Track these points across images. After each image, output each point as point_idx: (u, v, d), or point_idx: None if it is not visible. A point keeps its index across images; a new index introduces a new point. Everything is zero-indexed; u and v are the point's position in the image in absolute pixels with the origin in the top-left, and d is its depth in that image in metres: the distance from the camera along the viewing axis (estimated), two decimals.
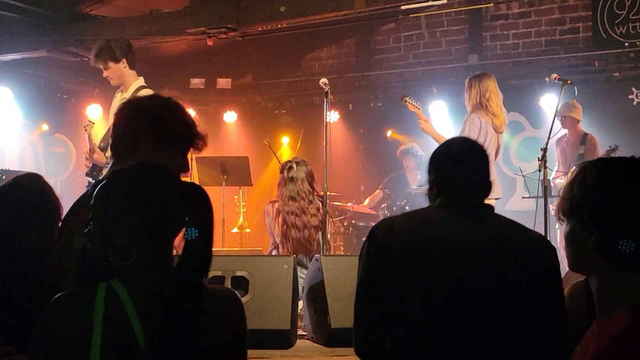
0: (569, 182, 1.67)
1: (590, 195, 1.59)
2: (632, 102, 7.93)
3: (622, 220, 1.54)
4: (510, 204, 8.18)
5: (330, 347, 4.16)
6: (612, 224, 1.55)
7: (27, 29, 7.82)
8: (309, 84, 9.63)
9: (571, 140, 7.04)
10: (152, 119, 2.22)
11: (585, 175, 1.62)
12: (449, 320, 2.03)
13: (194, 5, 7.17)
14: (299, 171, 5.61)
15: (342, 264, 4.42)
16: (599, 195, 1.58)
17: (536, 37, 8.67)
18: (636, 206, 1.55)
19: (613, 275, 1.57)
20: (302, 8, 6.84)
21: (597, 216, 1.57)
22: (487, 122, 5.37)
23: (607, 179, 1.59)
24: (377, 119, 9.55)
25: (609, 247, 1.55)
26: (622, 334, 1.48)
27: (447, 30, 9.25)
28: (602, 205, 1.57)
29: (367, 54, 9.79)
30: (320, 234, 5.50)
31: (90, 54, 5.49)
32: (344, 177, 8.34)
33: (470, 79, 5.55)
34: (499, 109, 5.45)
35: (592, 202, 1.58)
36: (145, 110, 2.24)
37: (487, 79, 5.47)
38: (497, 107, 5.43)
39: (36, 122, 9.22)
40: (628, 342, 1.46)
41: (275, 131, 9.79)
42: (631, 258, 1.53)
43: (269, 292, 4.20)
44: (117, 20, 7.76)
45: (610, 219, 1.56)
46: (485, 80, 5.46)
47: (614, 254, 1.55)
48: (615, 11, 8.04)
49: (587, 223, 1.59)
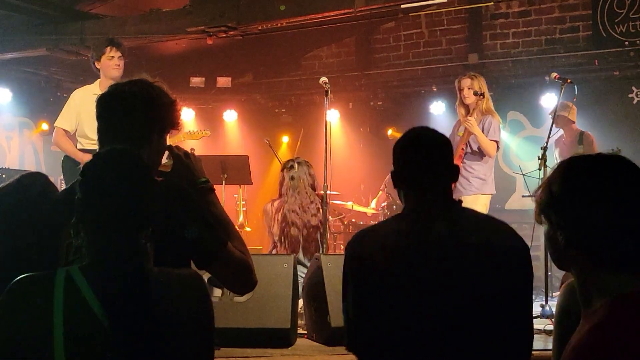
0: (545, 180, 1.69)
1: (554, 197, 1.61)
2: (632, 101, 7.93)
3: (587, 220, 1.55)
4: (510, 203, 8.19)
5: (330, 345, 4.16)
6: (576, 224, 1.57)
7: (27, 27, 7.83)
8: (309, 82, 9.63)
9: (568, 139, 7.05)
10: (158, 105, 2.18)
11: (553, 176, 1.65)
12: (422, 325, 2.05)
13: (194, 4, 7.17)
14: (300, 171, 5.62)
15: (342, 262, 4.42)
16: (562, 197, 1.60)
17: (536, 36, 8.67)
18: (600, 205, 1.55)
19: (589, 272, 1.58)
20: (302, 7, 6.84)
21: (563, 217, 1.59)
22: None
23: (569, 180, 1.61)
24: (377, 118, 9.56)
25: (577, 246, 1.57)
26: (599, 325, 1.49)
27: (447, 29, 9.25)
28: (566, 206, 1.59)
29: (367, 53, 9.80)
30: (319, 235, 5.51)
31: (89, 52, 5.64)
32: (344, 176, 8.33)
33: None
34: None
35: (557, 204, 1.60)
36: (148, 97, 2.17)
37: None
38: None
39: (36, 121, 9.23)
40: (605, 333, 1.47)
41: (275, 130, 9.80)
42: (601, 256, 1.55)
43: (269, 291, 4.19)
44: (117, 19, 7.76)
45: (575, 220, 1.57)
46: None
47: (583, 253, 1.56)
48: (615, 10, 8.04)
49: (555, 224, 1.61)
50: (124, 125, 2.13)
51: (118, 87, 2.21)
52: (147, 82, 2.22)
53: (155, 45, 8.07)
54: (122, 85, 2.20)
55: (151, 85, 2.20)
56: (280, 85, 10.32)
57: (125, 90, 2.17)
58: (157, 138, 2.18)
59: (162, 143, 2.22)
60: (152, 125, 2.16)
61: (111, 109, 2.17)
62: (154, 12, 7.51)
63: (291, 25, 7.59)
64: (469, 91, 5.66)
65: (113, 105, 2.17)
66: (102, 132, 2.18)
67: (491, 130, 5.59)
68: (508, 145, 8.56)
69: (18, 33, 7.81)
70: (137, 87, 2.17)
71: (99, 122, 2.19)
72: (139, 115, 2.14)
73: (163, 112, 2.19)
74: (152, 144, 2.15)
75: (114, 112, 2.16)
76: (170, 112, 2.21)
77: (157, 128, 2.18)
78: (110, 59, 5.34)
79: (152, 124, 2.16)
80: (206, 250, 2.08)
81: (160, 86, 2.22)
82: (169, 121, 2.21)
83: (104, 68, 5.40)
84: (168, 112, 2.20)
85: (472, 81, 5.67)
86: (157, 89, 2.20)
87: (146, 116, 2.15)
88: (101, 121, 2.18)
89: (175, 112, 2.22)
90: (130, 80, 2.23)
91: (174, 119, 2.23)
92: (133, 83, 2.21)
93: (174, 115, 2.22)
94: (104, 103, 2.19)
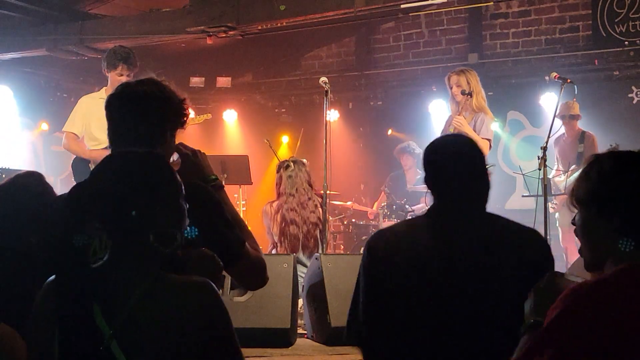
0: (582, 172, 1.74)
1: (608, 182, 1.67)
2: (632, 101, 7.93)
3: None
4: (510, 203, 8.18)
5: (330, 345, 4.17)
6: (632, 207, 1.64)
7: (27, 27, 7.83)
8: (309, 82, 9.63)
9: (569, 139, 7.04)
10: (170, 104, 2.18)
11: (602, 164, 1.70)
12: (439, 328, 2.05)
13: (194, 4, 7.17)
14: (296, 169, 5.63)
15: (342, 262, 4.43)
16: (617, 181, 1.66)
17: (536, 35, 8.67)
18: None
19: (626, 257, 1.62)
20: (301, 7, 6.84)
21: (617, 201, 1.65)
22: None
23: (624, 166, 1.69)
24: (377, 118, 9.55)
25: (632, 229, 1.63)
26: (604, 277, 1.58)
27: (447, 29, 9.25)
28: (621, 190, 1.65)
29: (367, 53, 9.79)
30: (319, 232, 5.51)
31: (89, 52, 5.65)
32: (343, 176, 8.34)
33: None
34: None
35: (612, 188, 1.66)
36: (161, 96, 2.16)
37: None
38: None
39: (36, 121, 9.22)
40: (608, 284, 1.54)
41: (275, 130, 9.79)
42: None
43: (268, 291, 4.18)
44: (117, 19, 7.75)
45: (631, 203, 1.64)
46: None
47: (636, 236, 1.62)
48: (615, 10, 8.04)
49: (606, 209, 1.66)
50: (138, 125, 2.11)
51: (129, 87, 2.18)
52: (157, 81, 2.21)
53: (155, 45, 8.07)
54: (133, 86, 2.18)
55: (161, 84, 2.19)
56: (280, 85, 10.32)
57: (138, 90, 2.15)
58: (170, 137, 2.18)
59: (173, 141, 2.21)
60: (165, 124, 2.16)
61: (124, 109, 2.15)
62: (154, 12, 7.51)
63: (291, 25, 7.59)
64: (458, 89, 5.46)
65: (126, 106, 2.15)
66: (114, 132, 2.15)
67: (483, 128, 5.37)
68: (508, 145, 8.55)
69: (18, 33, 7.81)
70: (148, 87, 2.16)
71: (111, 123, 2.16)
72: (153, 115, 2.13)
73: (175, 111, 2.19)
74: (165, 142, 2.15)
75: (128, 113, 2.14)
76: (181, 110, 2.20)
77: (170, 127, 2.18)
78: (120, 76, 5.39)
79: (166, 123, 2.16)
80: (231, 251, 2.07)
81: (168, 85, 2.21)
82: (180, 120, 2.21)
83: (112, 81, 5.45)
84: (179, 110, 2.20)
85: (458, 77, 5.45)
86: (167, 88, 2.19)
87: (160, 115, 2.14)
88: (113, 122, 2.16)
89: (185, 110, 2.22)
90: (139, 79, 2.22)
91: (184, 117, 2.22)
92: (143, 82, 2.19)
93: (184, 113, 2.22)
94: (116, 103, 2.17)
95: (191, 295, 1.62)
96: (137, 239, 1.64)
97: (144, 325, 1.58)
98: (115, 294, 1.61)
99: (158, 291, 1.61)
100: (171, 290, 1.62)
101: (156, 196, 1.67)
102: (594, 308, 1.49)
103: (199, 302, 1.62)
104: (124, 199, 1.64)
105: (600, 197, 1.68)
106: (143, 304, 1.59)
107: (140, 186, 1.66)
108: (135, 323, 1.58)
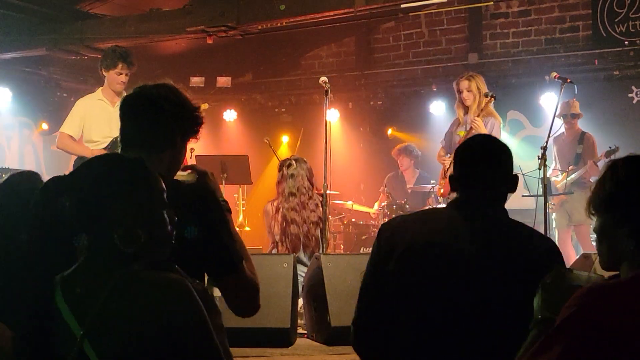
0: (599, 178, 1.76)
1: (623, 189, 1.68)
2: (631, 101, 7.93)
3: None
4: (509, 202, 8.13)
5: (330, 345, 4.16)
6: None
7: (27, 27, 7.83)
8: (309, 82, 9.63)
9: (569, 139, 7.04)
10: (184, 110, 2.20)
11: (617, 170, 1.71)
12: (446, 323, 2.05)
13: (194, 4, 7.18)
14: (298, 168, 5.63)
15: (342, 262, 4.43)
16: (631, 187, 1.67)
17: (536, 35, 8.67)
18: None
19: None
20: (301, 6, 6.84)
21: (632, 207, 1.66)
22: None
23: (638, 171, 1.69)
24: (377, 118, 9.56)
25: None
26: (619, 281, 1.59)
27: (446, 28, 9.25)
28: (635, 197, 1.66)
29: (367, 53, 9.79)
30: (319, 231, 5.51)
31: (89, 52, 5.66)
32: (343, 175, 8.33)
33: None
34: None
35: (626, 195, 1.67)
36: (176, 101, 2.19)
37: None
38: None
39: (36, 121, 9.23)
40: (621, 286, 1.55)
41: (275, 130, 9.78)
42: None
43: (268, 291, 4.19)
44: (116, 18, 7.76)
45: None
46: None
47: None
48: (615, 10, 8.04)
49: (620, 215, 1.67)
50: (148, 126, 2.16)
51: (145, 90, 2.22)
52: (173, 86, 2.25)
53: (155, 44, 8.07)
54: (150, 89, 2.22)
55: (177, 90, 2.23)
56: (280, 85, 10.32)
57: (153, 93, 2.19)
58: (180, 142, 2.21)
59: (184, 147, 2.24)
60: (176, 129, 2.19)
61: (136, 109, 2.19)
62: (153, 11, 7.51)
63: (291, 25, 7.59)
64: (469, 93, 5.67)
65: (139, 106, 2.19)
66: (126, 133, 2.19)
67: (494, 132, 5.57)
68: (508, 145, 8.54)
69: (18, 33, 7.81)
70: (164, 91, 2.20)
71: (124, 123, 2.20)
72: (164, 118, 2.16)
73: (187, 117, 2.22)
74: (175, 147, 2.18)
75: (139, 113, 2.18)
76: (194, 117, 2.23)
77: (180, 132, 2.20)
78: (119, 74, 5.42)
79: (177, 127, 2.19)
80: (229, 260, 2.07)
81: (183, 92, 2.25)
82: (192, 127, 2.24)
83: (110, 80, 5.50)
84: (192, 117, 2.23)
85: (469, 83, 5.67)
86: (182, 94, 2.23)
87: (172, 119, 2.17)
88: (126, 123, 2.20)
89: (198, 118, 2.24)
90: (157, 83, 2.26)
91: (197, 126, 2.25)
92: (160, 86, 2.23)
93: (198, 122, 2.24)
94: (130, 103, 2.21)
95: (161, 294, 1.61)
96: (105, 238, 1.66)
97: (114, 324, 1.58)
98: (86, 294, 1.62)
99: (128, 290, 1.61)
100: (141, 289, 1.62)
101: (126, 200, 1.69)
102: (609, 311, 1.48)
103: (169, 300, 1.60)
104: (94, 198, 1.68)
105: (614, 203, 1.69)
106: (113, 303, 1.59)
107: (112, 188, 1.69)
108: (106, 323, 1.58)
